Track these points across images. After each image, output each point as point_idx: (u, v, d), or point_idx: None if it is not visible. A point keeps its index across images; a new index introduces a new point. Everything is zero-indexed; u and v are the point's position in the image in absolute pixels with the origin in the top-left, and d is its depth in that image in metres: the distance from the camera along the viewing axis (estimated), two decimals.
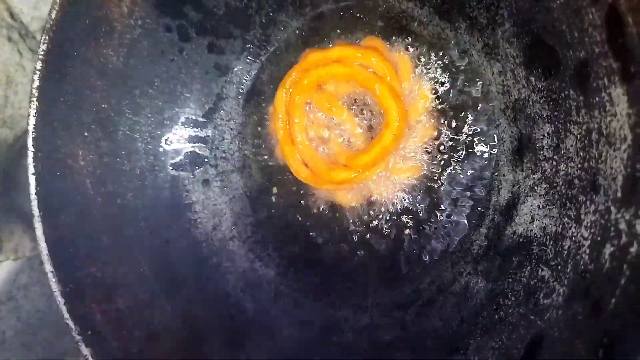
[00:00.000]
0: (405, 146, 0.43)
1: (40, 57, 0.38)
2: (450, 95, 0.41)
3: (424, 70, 0.42)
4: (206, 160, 0.48)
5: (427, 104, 0.42)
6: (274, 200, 0.47)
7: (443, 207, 0.43)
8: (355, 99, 0.44)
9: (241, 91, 0.47)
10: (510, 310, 0.36)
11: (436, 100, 0.42)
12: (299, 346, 0.44)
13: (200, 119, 0.47)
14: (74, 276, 0.40)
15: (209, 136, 0.48)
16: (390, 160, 0.43)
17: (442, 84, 0.41)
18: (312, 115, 0.45)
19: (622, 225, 0.29)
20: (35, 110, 0.38)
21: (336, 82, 0.44)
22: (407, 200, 0.43)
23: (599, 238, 0.31)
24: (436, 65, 0.41)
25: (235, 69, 0.47)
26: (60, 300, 0.40)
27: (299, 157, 0.45)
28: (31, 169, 0.39)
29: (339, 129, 0.45)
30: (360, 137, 0.44)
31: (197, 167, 0.47)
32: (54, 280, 0.40)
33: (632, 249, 0.28)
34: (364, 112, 0.44)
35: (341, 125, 0.45)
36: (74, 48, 0.39)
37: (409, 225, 0.43)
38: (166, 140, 0.46)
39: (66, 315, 0.40)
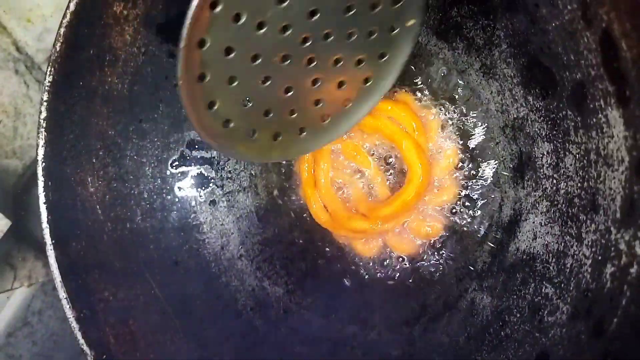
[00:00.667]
0: (427, 205, 0.44)
1: (46, 88, 0.39)
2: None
3: (452, 130, 0.42)
4: (212, 181, 0.49)
5: (452, 163, 0.43)
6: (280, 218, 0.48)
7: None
8: (380, 151, 0.45)
9: None
10: (516, 327, 0.37)
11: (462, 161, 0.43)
12: None
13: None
14: (88, 301, 0.41)
15: (214, 157, 0.48)
16: (411, 217, 0.44)
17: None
18: (336, 162, 0.46)
19: (622, 246, 0.30)
20: (44, 141, 0.39)
21: (363, 132, 0.45)
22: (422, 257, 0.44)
23: (599, 257, 0.31)
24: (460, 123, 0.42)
25: None
26: (75, 326, 0.41)
27: (320, 200, 0.45)
28: (42, 198, 0.40)
29: (362, 177, 0.45)
30: (382, 189, 0.44)
31: (203, 188, 0.48)
32: (68, 306, 0.41)
33: (632, 270, 0.29)
34: (388, 164, 0.45)
35: (364, 174, 0.45)
36: (79, 78, 0.40)
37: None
38: (172, 162, 0.47)
39: (81, 340, 0.41)
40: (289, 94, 0.35)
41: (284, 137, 0.37)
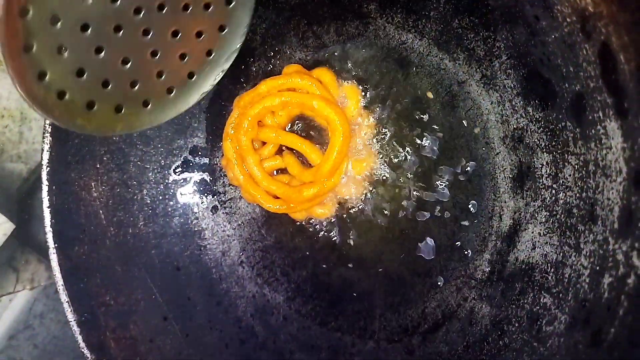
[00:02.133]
0: (354, 145, 0.45)
1: None
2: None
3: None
4: (214, 187, 0.49)
5: (357, 104, 0.45)
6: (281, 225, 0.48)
7: (447, 231, 0.44)
8: (297, 123, 0.47)
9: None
10: (514, 337, 0.37)
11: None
12: None
13: (208, 147, 0.48)
14: (89, 305, 0.41)
15: (217, 164, 0.49)
16: (348, 163, 0.46)
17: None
18: (265, 153, 0.47)
19: (620, 257, 0.30)
20: (49, 145, 0.40)
21: (274, 114, 0.46)
22: (373, 192, 0.45)
23: (597, 267, 0.32)
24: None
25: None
26: (76, 329, 0.41)
27: (266, 193, 0.46)
28: (46, 202, 0.40)
29: (291, 154, 0.46)
30: (312, 153, 0.45)
31: (205, 195, 0.49)
32: (69, 310, 0.41)
33: (630, 280, 0.29)
34: (311, 132, 0.47)
35: (293, 150, 0.46)
36: None
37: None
38: (175, 169, 0.48)
39: (82, 344, 0.41)
40: (128, 65, 0.34)
41: (127, 110, 0.36)
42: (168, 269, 0.46)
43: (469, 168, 0.43)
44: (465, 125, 0.42)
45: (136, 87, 0.35)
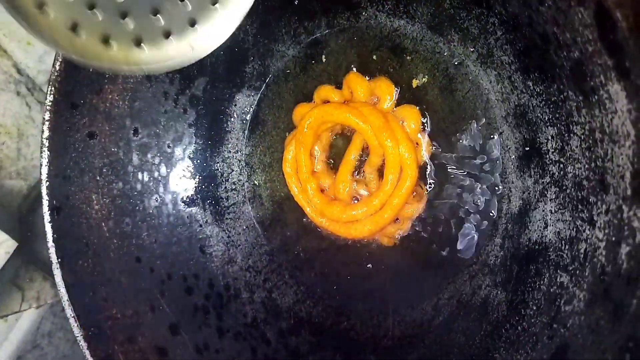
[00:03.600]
0: None
1: (48, 107, 0.39)
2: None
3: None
4: (217, 193, 0.48)
5: (392, 98, 0.43)
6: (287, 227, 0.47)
7: (456, 220, 0.42)
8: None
9: (245, 123, 0.48)
10: (532, 320, 0.35)
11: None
12: None
13: (207, 153, 0.48)
14: (96, 319, 0.41)
15: (217, 169, 0.48)
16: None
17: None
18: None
19: (636, 223, 0.28)
20: (47, 160, 0.39)
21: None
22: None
23: (613, 238, 0.30)
24: None
25: (238, 102, 0.48)
26: (83, 344, 0.41)
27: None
28: (47, 218, 0.40)
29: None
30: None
31: (208, 201, 0.48)
32: (75, 325, 0.41)
33: None
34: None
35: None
36: (79, 96, 0.40)
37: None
38: (176, 176, 0.47)
39: (90, 359, 0.41)
40: None
41: (116, 44, 0.33)
42: (174, 278, 0.45)
43: (472, 151, 0.41)
44: (465, 107, 0.41)
45: (127, 20, 0.33)
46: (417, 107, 0.42)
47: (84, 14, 0.32)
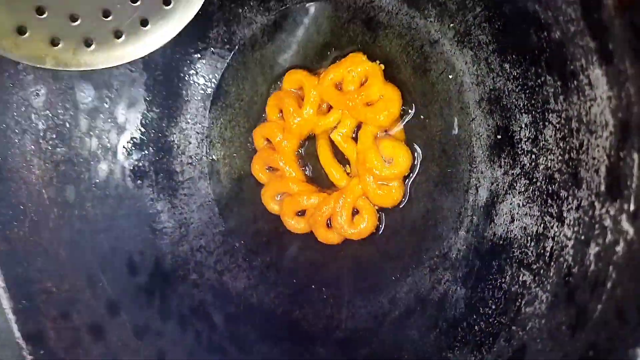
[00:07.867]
0: None
1: None
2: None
3: None
4: (172, 166, 0.45)
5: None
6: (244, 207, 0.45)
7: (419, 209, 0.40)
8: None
9: (206, 92, 0.45)
10: (490, 320, 0.33)
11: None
12: None
13: (164, 123, 0.45)
14: (28, 292, 0.39)
15: (173, 141, 0.45)
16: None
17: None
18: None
19: (607, 222, 0.26)
20: None
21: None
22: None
23: (582, 237, 0.28)
24: None
25: (200, 70, 0.44)
26: (11, 317, 0.39)
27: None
28: None
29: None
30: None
31: (161, 175, 0.45)
32: (5, 296, 0.39)
33: (618, 248, 0.25)
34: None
35: None
36: None
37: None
38: (126, 145, 0.44)
39: (17, 334, 0.38)
40: None
41: (64, 45, 0.34)
42: (118, 254, 0.43)
43: (442, 137, 0.39)
44: (439, 89, 0.38)
45: (77, 23, 0.34)
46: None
47: (32, 17, 0.32)
